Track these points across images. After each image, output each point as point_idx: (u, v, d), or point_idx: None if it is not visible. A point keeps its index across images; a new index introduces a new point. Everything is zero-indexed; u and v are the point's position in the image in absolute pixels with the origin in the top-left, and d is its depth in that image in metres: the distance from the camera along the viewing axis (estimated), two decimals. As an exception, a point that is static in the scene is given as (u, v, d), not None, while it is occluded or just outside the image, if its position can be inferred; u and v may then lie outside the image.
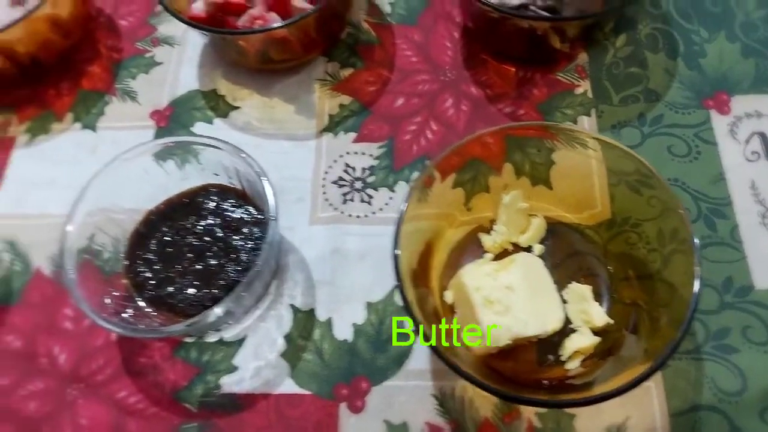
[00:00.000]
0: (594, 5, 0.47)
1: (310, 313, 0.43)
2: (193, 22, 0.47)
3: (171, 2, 0.48)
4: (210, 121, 0.51)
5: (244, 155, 0.42)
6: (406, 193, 0.37)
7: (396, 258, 0.36)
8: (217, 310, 0.37)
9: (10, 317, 0.45)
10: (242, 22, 0.48)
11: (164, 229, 0.44)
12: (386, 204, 0.46)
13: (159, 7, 0.57)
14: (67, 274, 0.39)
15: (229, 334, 0.43)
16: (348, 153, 0.49)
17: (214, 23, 0.48)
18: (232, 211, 0.44)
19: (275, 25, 0.46)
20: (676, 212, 0.37)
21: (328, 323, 0.43)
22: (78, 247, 0.41)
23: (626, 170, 0.41)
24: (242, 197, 0.45)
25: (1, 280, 0.47)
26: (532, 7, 0.46)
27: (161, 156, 0.44)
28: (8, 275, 0.47)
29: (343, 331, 0.42)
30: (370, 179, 0.47)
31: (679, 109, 0.48)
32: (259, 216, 0.44)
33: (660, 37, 0.50)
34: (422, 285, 0.40)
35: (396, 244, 0.36)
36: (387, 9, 0.55)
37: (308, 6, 0.47)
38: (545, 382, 0.39)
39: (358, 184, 0.47)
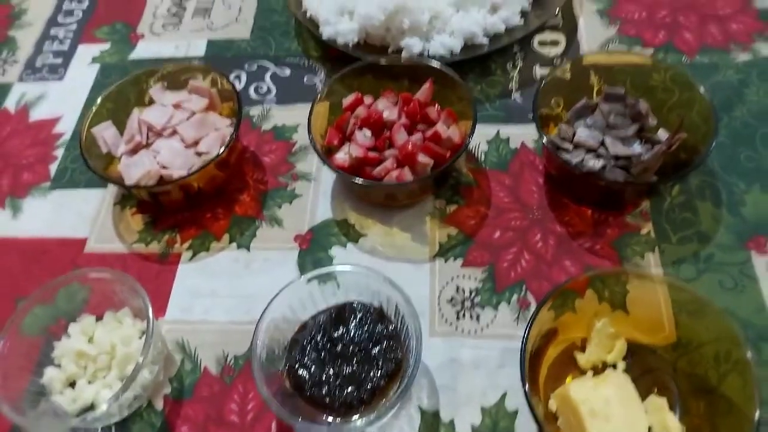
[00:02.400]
0: (656, 163, 0.60)
1: (436, 415, 0.53)
2: (350, 176, 0.59)
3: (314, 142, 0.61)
4: (344, 245, 0.63)
5: (388, 281, 0.53)
6: (530, 318, 0.48)
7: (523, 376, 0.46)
8: (385, 409, 0.48)
9: (184, 410, 0.55)
10: (377, 171, 0.61)
11: (317, 337, 0.55)
12: (491, 321, 0.57)
13: (296, 147, 0.70)
14: (256, 374, 0.49)
15: (371, 429, 0.53)
16: (458, 276, 0.60)
17: (353, 171, 0.61)
18: (372, 325, 0.55)
19: (409, 180, 0.58)
20: (729, 337, 0.48)
21: (452, 424, 0.52)
22: (258, 350, 0.51)
23: (684, 300, 0.52)
24: (379, 313, 0.56)
25: (175, 378, 0.57)
26: (609, 167, 0.59)
27: (317, 278, 0.55)
28: (181, 373, 0.57)
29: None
30: (477, 299, 0.58)
31: (726, 250, 0.59)
32: (393, 330, 0.55)
33: (707, 188, 0.63)
34: (534, 394, 0.50)
35: (523, 367, 0.47)
36: (482, 157, 0.68)
37: (429, 160, 0.60)
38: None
39: (468, 304, 0.58)
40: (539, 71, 0.74)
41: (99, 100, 0.66)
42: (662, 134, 0.62)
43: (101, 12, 0.87)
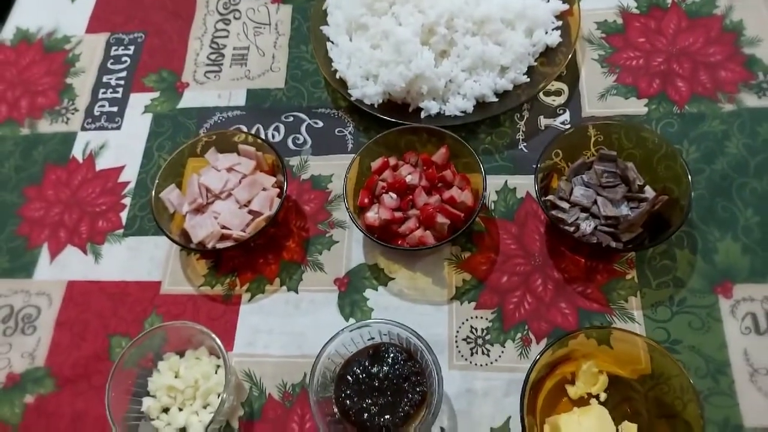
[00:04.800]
0: (640, 220, 0.70)
1: (455, 434, 0.67)
2: (379, 241, 0.71)
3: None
4: (375, 288, 0.75)
5: (413, 333, 0.66)
6: (531, 364, 0.61)
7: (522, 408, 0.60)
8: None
9: (255, 430, 0.70)
10: (402, 230, 0.72)
11: (357, 372, 0.68)
12: (499, 356, 0.70)
13: (331, 196, 0.81)
14: (313, 407, 0.63)
15: (402, 447, 0.67)
16: (471, 317, 0.72)
17: (381, 228, 0.72)
18: (402, 363, 0.68)
19: (431, 243, 0.70)
20: (683, 376, 0.60)
21: (468, 443, 0.67)
22: (314, 386, 0.65)
23: (656, 341, 0.64)
24: (407, 352, 0.69)
25: (246, 402, 0.72)
26: (599, 227, 0.69)
27: (357, 328, 0.68)
28: (250, 399, 0.72)
29: (477, 449, 0.67)
30: (487, 337, 0.71)
31: (697, 294, 0.70)
32: (418, 368, 0.68)
33: (685, 237, 0.73)
34: (532, 419, 0.64)
35: (522, 403, 0.60)
36: (492, 206, 0.78)
37: (446, 220, 0.71)
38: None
39: (480, 341, 0.71)
40: (544, 121, 0.82)
41: (162, 167, 0.77)
42: (649, 191, 0.72)
43: (146, 58, 0.96)
